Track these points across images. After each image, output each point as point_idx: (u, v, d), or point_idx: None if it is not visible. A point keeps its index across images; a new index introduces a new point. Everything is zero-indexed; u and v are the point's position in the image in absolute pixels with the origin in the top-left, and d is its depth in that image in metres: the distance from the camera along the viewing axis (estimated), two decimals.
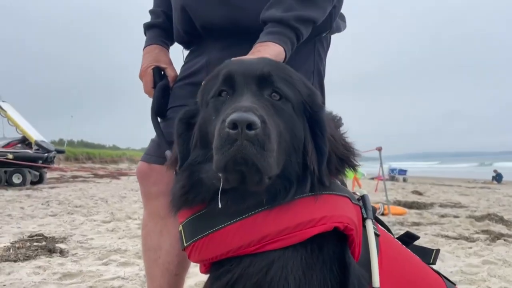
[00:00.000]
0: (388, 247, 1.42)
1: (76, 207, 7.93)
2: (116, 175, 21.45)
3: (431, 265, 1.60)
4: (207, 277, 1.32)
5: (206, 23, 1.75)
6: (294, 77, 1.30)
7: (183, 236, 1.29)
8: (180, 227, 1.31)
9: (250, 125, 1.03)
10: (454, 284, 1.58)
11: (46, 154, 14.49)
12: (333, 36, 1.93)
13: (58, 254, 4.13)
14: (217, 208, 1.18)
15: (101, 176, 20.20)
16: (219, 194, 1.16)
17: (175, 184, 1.30)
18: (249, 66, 1.25)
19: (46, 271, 3.51)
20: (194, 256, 1.27)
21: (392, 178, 27.69)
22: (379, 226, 1.49)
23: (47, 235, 5.00)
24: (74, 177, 18.31)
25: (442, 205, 10.34)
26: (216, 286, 1.22)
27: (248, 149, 1.04)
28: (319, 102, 1.30)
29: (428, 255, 1.63)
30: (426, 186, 19.26)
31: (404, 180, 27.52)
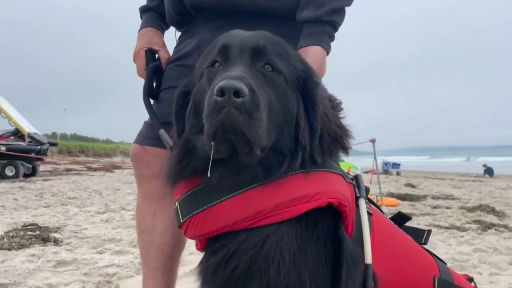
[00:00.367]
0: (381, 226, 1.44)
1: (70, 199, 7.91)
2: (110, 168, 21.39)
3: (423, 245, 1.63)
4: (203, 254, 1.34)
5: (195, 3, 1.76)
6: (290, 53, 1.31)
7: (179, 213, 1.30)
8: (176, 204, 1.32)
9: (238, 93, 1.04)
10: (445, 263, 1.61)
11: (39, 147, 14.41)
12: None
13: (52, 243, 4.14)
14: (212, 183, 1.19)
15: (95, 169, 20.13)
16: (210, 164, 1.17)
17: (171, 153, 1.32)
18: (245, 39, 1.26)
19: (40, 259, 3.51)
20: (191, 232, 1.28)
21: (386, 172, 27.83)
22: (372, 206, 1.51)
23: (41, 225, 5.00)
24: (68, 170, 18.23)
25: (435, 197, 10.43)
26: (212, 261, 1.24)
27: (235, 117, 1.05)
28: (314, 79, 1.30)
29: (420, 236, 1.65)
30: (419, 180, 19.40)
31: (398, 174, 27.68)
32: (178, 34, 1.99)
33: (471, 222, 6.26)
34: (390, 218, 1.64)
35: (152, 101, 1.88)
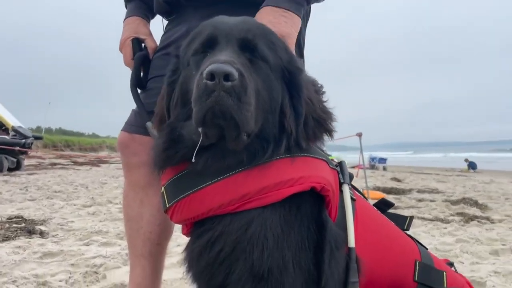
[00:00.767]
0: (364, 212, 1.47)
1: (56, 192, 7.84)
2: (96, 163, 21.19)
3: (405, 231, 1.67)
4: (189, 238, 1.35)
5: None
6: (276, 43, 1.32)
7: (165, 198, 1.32)
8: (162, 189, 1.34)
9: (227, 76, 1.06)
10: (426, 248, 1.65)
11: (24, 140, 14.20)
12: (312, 24, 1.97)
13: (38, 235, 4.11)
14: (199, 168, 1.21)
15: (81, 164, 19.92)
16: (196, 149, 1.18)
17: (157, 141, 1.32)
18: (233, 26, 1.27)
19: (26, 251, 3.49)
20: (176, 217, 1.30)
21: (373, 167, 28.05)
22: (356, 192, 1.55)
23: (27, 218, 4.96)
24: (53, 164, 18.02)
25: (420, 191, 10.58)
26: (198, 245, 1.26)
27: (225, 100, 1.06)
28: (298, 66, 1.33)
29: (402, 222, 1.69)
30: (405, 174, 19.62)
31: (384, 169, 27.93)
32: (165, 23, 2.00)
33: (455, 215, 6.37)
34: (374, 205, 1.67)
35: (140, 90, 1.88)
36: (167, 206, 1.31)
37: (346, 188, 1.41)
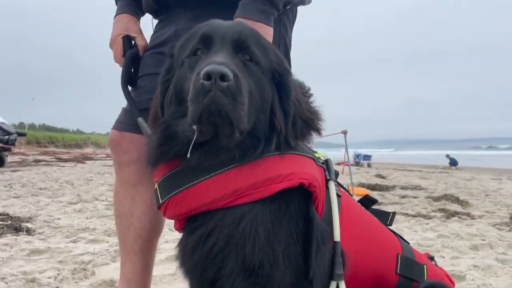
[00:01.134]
0: (349, 207, 1.54)
1: (41, 189, 7.76)
2: (81, 159, 20.96)
3: (388, 227, 1.74)
4: (182, 234, 1.40)
5: None
6: (267, 46, 1.38)
7: (159, 194, 1.36)
8: (156, 186, 1.38)
9: (223, 77, 1.11)
10: (408, 243, 1.73)
11: (7, 137, 13.97)
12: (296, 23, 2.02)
13: (25, 233, 4.09)
14: (191, 164, 1.26)
15: (65, 160, 19.68)
16: (191, 146, 1.23)
17: (151, 137, 1.37)
18: (227, 29, 1.32)
19: (13, 248, 3.48)
20: (169, 212, 1.34)
21: (357, 164, 28.32)
22: (341, 189, 1.61)
23: (12, 215, 4.92)
24: (37, 161, 17.77)
25: (403, 187, 10.76)
26: (191, 240, 1.30)
27: (221, 99, 1.11)
28: (286, 68, 1.39)
29: (386, 217, 1.77)
30: (389, 171, 19.90)
31: (369, 166, 28.21)
32: (155, 22, 2.02)
33: (436, 211, 6.52)
34: (358, 201, 1.74)
35: (130, 88, 1.90)
36: (160, 202, 1.35)
37: (332, 185, 1.47)
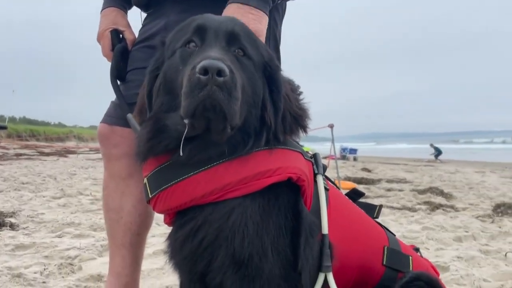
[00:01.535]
0: (337, 201, 1.55)
1: (23, 184, 7.63)
2: (64, 153, 20.68)
3: (375, 219, 1.77)
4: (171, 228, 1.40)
5: None
6: (258, 42, 1.40)
7: (148, 189, 1.36)
8: (145, 180, 1.37)
9: (220, 72, 1.11)
10: (394, 235, 1.76)
11: None
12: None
13: (8, 228, 4.03)
14: (181, 159, 1.25)
15: (47, 154, 19.39)
16: (182, 142, 1.22)
17: (141, 131, 1.35)
18: (221, 23, 1.32)
19: None
20: (159, 207, 1.34)
21: (344, 158, 28.57)
22: (329, 182, 1.63)
23: None
24: (18, 155, 17.45)
25: (389, 181, 10.90)
26: (181, 234, 1.30)
27: (217, 94, 1.11)
28: (277, 64, 1.41)
29: (372, 210, 1.79)
30: (375, 164, 20.13)
31: (355, 159, 28.49)
32: (143, 16, 2.00)
33: (421, 203, 6.64)
34: (346, 194, 1.76)
35: (119, 82, 1.89)
36: (150, 197, 1.35)
37: (320, 179, 1.48)
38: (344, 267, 1.46)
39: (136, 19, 2.03)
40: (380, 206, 1.83)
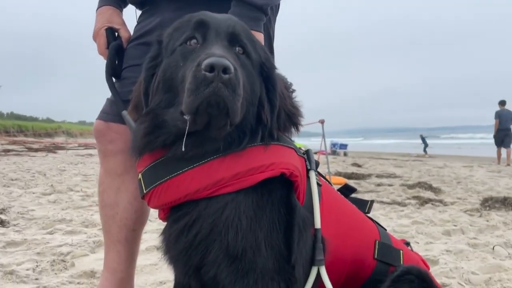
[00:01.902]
0: (329, 196, 1.58)
1: (12, 180, 7.55)
2: (53, 149, 20.47)
3: (366, 214, 1.80)
4: (166, 223, 1.41)
5: None
6: (256, 41, 1.42)
7: (142, 184, 1.37)
8: (140, 176, 1.38)
9: (226, 70, 1.12)
10: (385, 229, 1.79)
11: None
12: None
13: None
14: (176, 155, 1.27)
15: (36, 150, 19.18)
16: (185, 137, 1.23)
17: (139, 125, 1.37)
18: (222, 22, 1.34)
19: None
20: (153, 202, 1.36)
21: (334, 153, 28.70)
22: (322, 178, 1.66)
23: None
24: (6, 151, 17.22)
25: (379, 176, 10.99)
26: (175, 228, 1.32)
27: (222, 91, 1.13)
28: (273, 63, 1.44)
29: (364, 205, 1.82)
30: (365, 160, 20.26)
31: (345, 155, 28.64)
32: (139, 13, 2.00)
33: (411, 198, 6.71)
34: (338, 190, 1.79)
35: (114, 80, 1.89)
36: (144, 192, 1.36)
37: (313, 174, 1.51)
38: (337, 261, 1.49)
39: (132, 18, 2.04)
40: (372, 202, 1.86)
